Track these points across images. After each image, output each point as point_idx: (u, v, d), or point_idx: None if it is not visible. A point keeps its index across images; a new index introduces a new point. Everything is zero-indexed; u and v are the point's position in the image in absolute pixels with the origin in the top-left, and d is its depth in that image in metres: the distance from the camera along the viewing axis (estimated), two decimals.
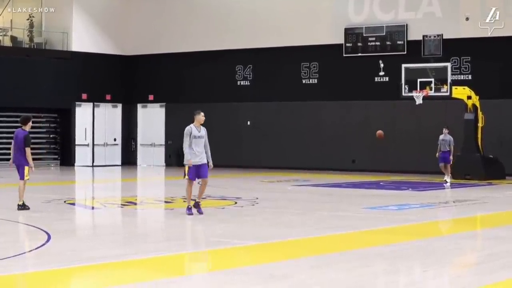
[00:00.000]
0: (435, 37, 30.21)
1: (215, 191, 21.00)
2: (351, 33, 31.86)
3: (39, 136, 34.46)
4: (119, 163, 36.69)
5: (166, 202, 19.97)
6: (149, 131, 36.95)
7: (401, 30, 30.98)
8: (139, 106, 37.10)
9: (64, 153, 35.44)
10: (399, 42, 30.98)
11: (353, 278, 9.68)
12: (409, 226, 14.97)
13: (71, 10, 35.17)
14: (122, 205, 19.17)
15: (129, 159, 36.90)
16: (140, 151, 37.18)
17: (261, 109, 33.87)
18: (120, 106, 36.85)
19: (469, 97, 27.24)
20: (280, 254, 11.62)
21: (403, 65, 28.47)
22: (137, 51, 36.89)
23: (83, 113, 35.59)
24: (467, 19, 29.52)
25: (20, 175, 16.38)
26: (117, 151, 36.85)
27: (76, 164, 35.13)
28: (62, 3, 35.24)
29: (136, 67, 36.97)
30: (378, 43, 31.40)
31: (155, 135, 36.72)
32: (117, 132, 36.86)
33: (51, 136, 35.51)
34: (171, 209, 17.79)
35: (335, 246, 12.45)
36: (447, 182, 25.87)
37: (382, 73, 31.35)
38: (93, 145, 35.88)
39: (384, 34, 31.27)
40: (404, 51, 30.78)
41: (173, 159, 35.52)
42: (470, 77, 29.76)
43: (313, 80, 32.95)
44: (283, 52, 33.39)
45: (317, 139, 32.51)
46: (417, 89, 27.69)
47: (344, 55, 32.03)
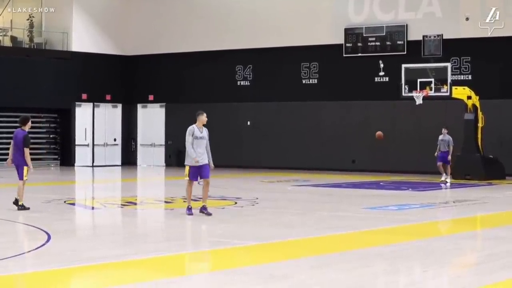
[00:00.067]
0: (435, 37, 30.21)
1: (215, 191, 20.96)
2: (351, 33, 31.86)
3: (39, 136, 34.46)
4: (119, 163, 36.69)
5: (166, 202, 19.97)
6: (149, 131, 36.94)
7: (401, 30, 30.98)
8: (139, 106, 37.09)
9: (64, 153, 35.43)
10: (399, 42, 30.98)
11: (353, 278, 9.68)
12: (409, 226, 14.97)
13: (71, 10, 35.16)
14: (122, 205, 19.17)
15: (129, 159, 36.89)
16: (140, 151, 37.17)
17: (261, 109, 33.86)
18: (120, 106, 36.85)
19: (469, 97, 27.24)
20: (280, 254, 11.62)
21: (403, 65, 28.47)
22: (137, 51, 36.88)
23: (83, 113, 35.59)
24: (467, 19, 29.51)
25: (19, 175, 16.39)
26: (117, 151, 36.85)
27: (76, 164, 35.13)
28: (62, 3, 35.24)
29: (136, 67, 36.96)
30: (378, 43, 31.40)
31: (155, 135, 36.71)
32: (117, 132, 36.86)
33: (51, 136, 35.50)
34: (171, 209, 17.79)
35: (335, 246, 12.45)
36: (447, 182, 25.90)
37: (382, 73, 31.35)
38: (93, 145, 35.87)
39: (384, 34, 31.26)
40: (404, 51, 30.78)
41: (173, 159, 35.52)
42: (470, 77, 29.75)
43: (313, 80, 32.95)
44: (283, 52, 33.38)
45: (317, 139, 32.50)
46: (417, 89, 27.68)
47: (344, 55, 32.03)
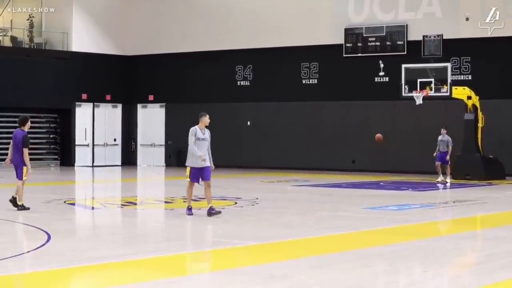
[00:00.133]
0: (435, 37, 30.21)
1: (215, 191, 20.86)
2: (351, 33, 31.86)
3: (39, 136, 34.47)
4: (119, 163, 36.68)
5: (166, 202, 19.97)
6: (149, 131, 36.94)
7: (401, 30, 30.98)
8: (139, 106, 37.09)
9: (64, 153, 35.43)
10: (399, 42, 30.98)
11: (353, 278, 9.68)
12: (409, 226, 14.97)
13: (71, 10, 35.16)
14: (122, 205, 19.16)
15: (129, 159, 36.89)
16: (140, 151, 37.17)
17: (261, 109, 33.86)
18: (120, 106, 36.84)
19: (469, 97, 27.24)
20: (280, 254, 11.62)
21: (403, 65, 28.47)
22: (137, 51, 36.88)
23: (83, 113, 35.58)
24: (467, 19, 29.51)
25: (18, 176, 16.38)
26: (117, 151, 36.84)
27: (76, 164, 35.12)
28: (62, 3, 35.23)
29: (136, 67, 36.96)
30: (378, 43, 31.39)
31: (155, 135, 36.71)
32: (117, 132, 36.85)
33: (51, 136, 35.50)
34: (171, 209, 17.79)
35: (335, 246, 12.44)
36: (447, 182, 25.90)
37: (382, 73, 31.34)
38: (93, 145, 35.87)
39: (384, 34, 31.26)
40: (404, 51, 30.78)
41: (173, 159, 35.52)
42: (470, 77, 29.75)
43: (313, 80, 32.95)
44: (283, 52, 33.38)
45: (317, 139, 32.50)
46: (417, 89, 27.68)
47: (344, 55, 32.03)
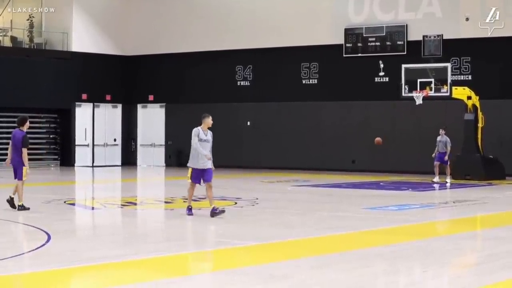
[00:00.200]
0: (435, 37, 30.21)
1: (215, 191, 20.74)
2: (351, 33, 31.86)
3: (39, 136, 34.47)
4: (119, 163, 36.68)
5: (166, 202, 19.97)
6: (149, 131, 36.94)
7: (401, 30, 30.98)
8: (139, 106, 37.09)
9: (64, 154, 35.42)
10: (399, 42, 30.98)
11: (353, 278, 9.68)
12: (409, 226, 14.97)
13: (71, 10, 35.16)
14: (122, 205, 19.16)
15: (129, 159, 36.88)
16: (140, 151, 37.17)
17: (261, 109, 33.86)
18: (120, 106, 36.84)
19: (469, 98, 27.24)
20: (280, 254, 11.62)
21: (403, 66, 28.47)
22: (137, 51, 36.88)
23: (83, 113, 35.58)
24: (467, 19, 29.51)
25: (18, 176, 16.37)
26: (117, 152, 36.84)
27: (76, 164, 35.12)
28: (62, 3, 35.23)
29: (136, 67, 36.95)
30: (378, 44, 31.39)
31: (155, 136, 36.70)
32: (117, 132, 36.85)
33: (51, 136, 35.49)
34: (171, 210, 17.79)
35: (335, 246, 12.45)
36: (447, 182, 25.91)
37: (382, 74, 31.34)
38: (93, 145, 35.87)
39: (384, 34, 31.26)
40: (404, 52, 30.78)
41: (173, 160, 35.52)
42: (470, 78, 29.75)
43: (313, 80, 32.95)
44: (283, 52, 33.38)
45: (317, 139, 32.50)
46: (417, 89, 27.68)
47: (344, 55, 32.02)
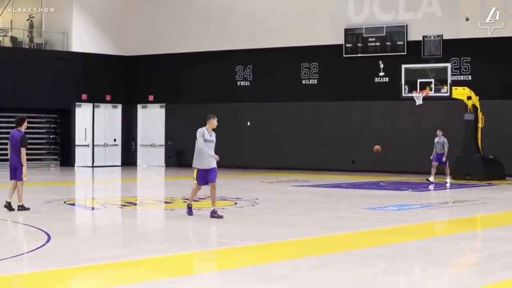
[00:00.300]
0: (435, 37, 30.21)
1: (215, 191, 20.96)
2: (351, 33, 31.86)
3: (39, 136, 34.47)
4: (119, 163, 36.68)
5: (166, 202, 19.97)
6: (149, 131, 36.94)
7: (401, 30, 30.98)
8: (139, 106, 37.09)
9: (64, 154, 35.42)
10: (399, 42, 30.98)
11: (353, 278, 9.68)
12: (409, 226, 14.97)
13: (71, 10, 35.16)
14: (122, 205, 19.16)
15: (129, 159, 36.88)
16: (140, 151, 37.17)
17: (261, 109, 33.86)
18: (120, 106, 36.84)
19: (469, 98, 27.24)
20: (280, 254, 11.62)
21: (403, 66, 28.47)
22: (137, 51, 36.88)
23: (83, 113, 35.59)
24: (467, 19, 29.50)
25: (17, 176, 16.36)
26: (117, 152, 36.84)
27: (76, 164, 35.12)
28: (62, 3, 35.23)
29: (136, 67, 36.96)
30: (378, 44, 31.39)
31: (155, 136, 36.71)
32: (117, 132, 36.85)
33: (51, 136, 35.49)
34: (171, 210, 17.79)
35: (335, 246, 12.45)
36: (447, 182, 25.91)
37: (382, 74, 31.35)
38: (93, 145, 35.87)
39: (384, 34, 31.26)
40: (404, 52, 30.78)
41: (173, 160, 35.52)
42: (470, 78, 29.75)
43: (313, 80, 32.95)
44: (283, 52, 33.38)
45: (317, 139, 32.50)
46: (417, 89, 27.68)
47: (344, 55, 32.03)
